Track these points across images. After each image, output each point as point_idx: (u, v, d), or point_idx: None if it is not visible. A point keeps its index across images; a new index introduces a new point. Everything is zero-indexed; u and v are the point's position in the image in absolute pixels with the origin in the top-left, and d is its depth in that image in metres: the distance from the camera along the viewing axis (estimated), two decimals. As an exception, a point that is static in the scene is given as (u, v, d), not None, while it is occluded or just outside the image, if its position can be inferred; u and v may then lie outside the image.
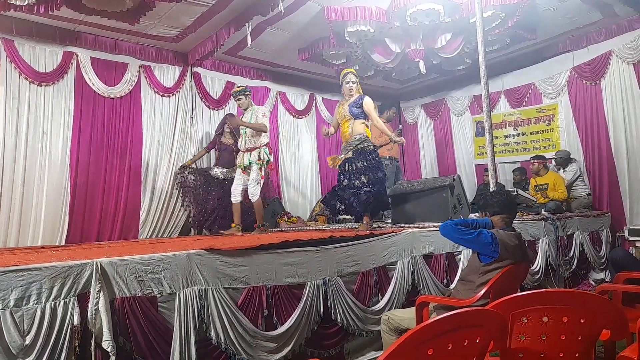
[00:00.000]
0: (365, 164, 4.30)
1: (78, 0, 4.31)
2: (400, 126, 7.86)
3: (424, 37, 5.75)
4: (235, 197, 5.23)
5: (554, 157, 6.56)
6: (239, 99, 5.26)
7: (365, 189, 4.23)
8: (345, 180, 4.31)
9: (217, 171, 6.07)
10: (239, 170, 5.26)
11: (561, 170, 6.47)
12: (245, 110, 5.27)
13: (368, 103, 4.38)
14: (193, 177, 6.08)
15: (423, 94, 8.79)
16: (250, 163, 5.08)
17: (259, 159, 5.07)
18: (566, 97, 6.93)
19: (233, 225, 5.22)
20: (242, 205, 5.46)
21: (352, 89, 4.41)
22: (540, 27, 6.14)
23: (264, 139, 5.14)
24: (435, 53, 6.10)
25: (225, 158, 6.13)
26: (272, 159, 5.26)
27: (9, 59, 5.06)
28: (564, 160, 6.42)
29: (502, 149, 7.67)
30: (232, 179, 5.52)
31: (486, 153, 4.15)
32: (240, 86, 5.62)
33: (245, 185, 5.15)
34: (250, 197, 5.11)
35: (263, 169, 5.10)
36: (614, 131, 6.37)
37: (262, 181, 5.13)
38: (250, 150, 5.11)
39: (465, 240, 2.55)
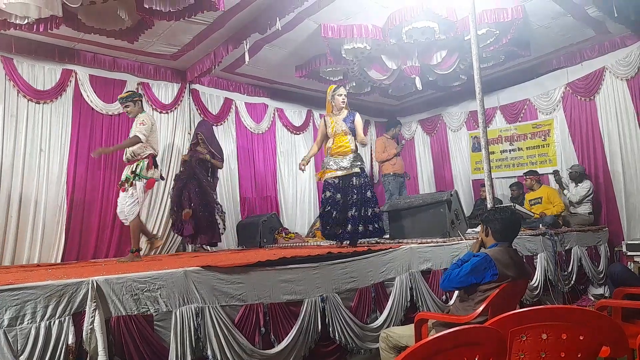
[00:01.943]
0: (367, 180, 4.44)
1: (77, 19, 4.35)
2: (404, 141, 7.84)
3: (420, 54, 5.82)
4: (123, 218, 4.51)
5: (569, 170, 6.51)
6: (126, 106, 4.52)
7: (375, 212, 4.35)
8: (355, 196, 4.32)
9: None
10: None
11: (573, 184, 6.44)
12: (135, 118, 4.57)
13: (359, 120, 4.48)
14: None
15: (419, 110, 8.85)
16: (126, 178, 4.36)
17: (132, 172, 4.33)
18: (561, 112, 6.99)
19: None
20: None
21: (344, 101, 4.47)
22: (534, 44, 6.22)
23: (146, 150, 4.40)
24: (431, 70, 6.17)
25: (192, 165, 5.72)
26: (153, 174, 4.45)
27: (8, 77, 5.09)
28: (579, 175, 6.35)
29: (498, 164, 7.70)
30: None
31: (483, 168, 4.17)
32: (129, 91, 4.91)
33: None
34: (123, 218, 4.45)
35: (137, 184, 4.30)
36: (610, 146, 6.41)
37: (140, 199, 4.36)
38: (130, 163, 4.41)
39: (465, 277, 2.50)
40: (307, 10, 4.91)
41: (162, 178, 4.91)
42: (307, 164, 4.66)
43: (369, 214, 4.32)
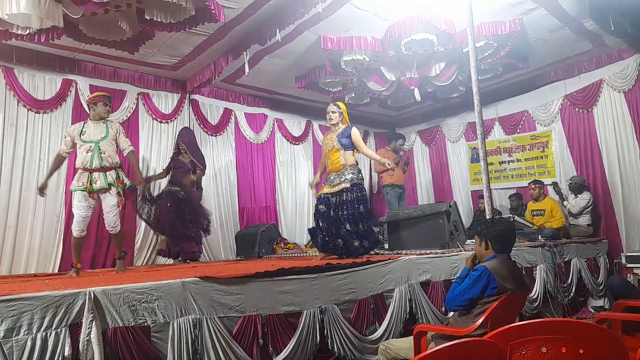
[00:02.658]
0: (360, 195, 4.32)
1: (78, 30, 4.38)
2: (401, 152, 7.72)
3: (419, 65, 5.86)
4: (83, 229, 4.05)
5: (568, 181, 6.53)
6: (109, 106, 4.27)
7: (363, 230, 4.24)
8: (346, 211, 4.26)
9: (172, 189, 5.52)
10: (82, 195, 4.00)
11: (572, 195, 6.45)
12: (98, 120, 4.17)
13: (355, 134, 4.40)
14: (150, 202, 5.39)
15: (418, 121, 8.89)
16: (109, 185, 4.01)
17: (119, 180, 4.07)
18: (559, 124, 7.03)
19: (78, 265, 4.08)
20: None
21: (332, 119, 4.47)
22: (532, 56, 6.28)
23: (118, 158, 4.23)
24: (429, 81, 6.21)
25: (179, 176, 5.62)
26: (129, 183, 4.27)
27: (8, 87, 5.11)
28: (579, 186, 6.34)
29: (497, 175, 7.72)
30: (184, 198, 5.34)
31: (482, 179, 4.18)
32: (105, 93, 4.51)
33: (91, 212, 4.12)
34: (109, 229, 4.13)
35: (122, 193, 4.10)
36: (608, 158, 6.43)
37: (120, 208, 4.17)
38: (106, 169, 4.03)
39: (466, 292, 2.47)
40: (307, 22, 4.96)
41: None
42: (316, 184, 4.68)
43: (361, 228, 4.24)
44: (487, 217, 3.90)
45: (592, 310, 5.47)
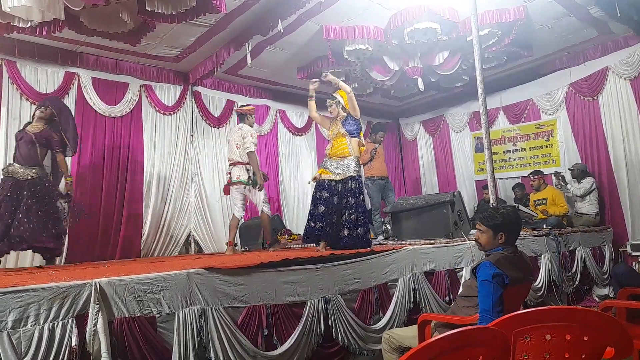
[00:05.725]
0: (362, 185, 4.36)
1: (80, 22, 4.36)
2: (377, 146, 7.19)
3: (422, 55, 5.82)
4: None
5: (570, 169, 6.51)
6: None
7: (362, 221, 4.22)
8: (352, 199, 4.23)
9: (12, 169, 4.34)
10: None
11: (575, 182, 6.42)
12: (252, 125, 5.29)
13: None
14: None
15: (422, 111, 8.85)
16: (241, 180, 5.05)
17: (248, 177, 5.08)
18: (564, 112, 6.97)
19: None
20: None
21: (332, 112, 4.63)
22: (536, 44, 6.21)
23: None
24: (433, 70, 6.16)
25: (22, 150, 4.37)
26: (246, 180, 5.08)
27: (11, 80, 5.11)
28: (581, 172, 6.34)
29: (501, 165, 7.68)
30: (32, 179, 4.29)
31: (486, 169, 4.16)
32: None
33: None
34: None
35: (249, 188, 5.09)
36: (613, 146, 6.39)
37: (264, 197, 5.12)
38: (240, 163, 5.13)
39: (494, 307, 2.28)
40: (308, 12, 4.92)
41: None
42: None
43: (361, 218, 4.22)
44: (492, 206, 3.89)
45: (596, 299, 5.47)
